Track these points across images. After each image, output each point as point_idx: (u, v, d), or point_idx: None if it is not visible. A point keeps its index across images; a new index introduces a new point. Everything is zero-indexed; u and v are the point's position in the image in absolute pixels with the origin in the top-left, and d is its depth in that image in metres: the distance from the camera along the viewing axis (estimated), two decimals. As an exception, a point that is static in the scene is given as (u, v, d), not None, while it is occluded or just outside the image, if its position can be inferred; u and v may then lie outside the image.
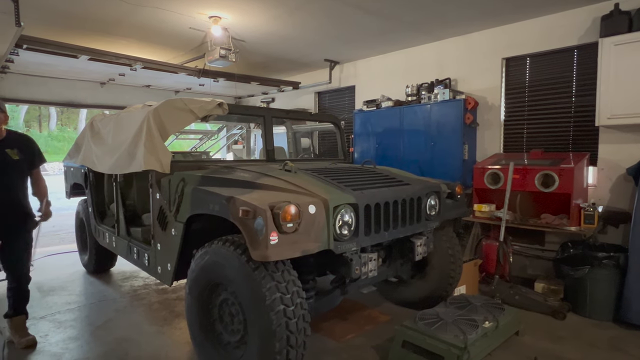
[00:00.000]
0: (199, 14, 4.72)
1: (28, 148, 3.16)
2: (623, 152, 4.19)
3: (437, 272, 3.65)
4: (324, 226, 2.37)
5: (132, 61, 5.74)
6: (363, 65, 6.89)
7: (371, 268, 2.74)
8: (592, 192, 4.45)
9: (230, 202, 2.33)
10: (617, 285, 3.64)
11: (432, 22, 5.03)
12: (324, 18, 4.86)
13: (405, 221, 2.95)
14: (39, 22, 4.91)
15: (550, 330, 3.48)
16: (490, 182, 4.48)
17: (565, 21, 4.57)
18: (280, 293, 2.24)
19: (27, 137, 3.25)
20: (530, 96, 5.01)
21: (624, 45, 3.83)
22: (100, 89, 7.72)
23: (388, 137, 5.79)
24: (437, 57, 5.81)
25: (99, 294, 4.44)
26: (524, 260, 4.75)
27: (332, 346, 3.22)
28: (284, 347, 2.23)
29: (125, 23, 5.02)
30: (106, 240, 4.42)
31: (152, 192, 3.34)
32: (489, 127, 5.29)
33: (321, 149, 7.77)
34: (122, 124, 3.75)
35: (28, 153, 3.14)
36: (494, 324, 2.96)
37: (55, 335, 3.43)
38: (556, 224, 4.07)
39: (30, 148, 3.20)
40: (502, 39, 5.11)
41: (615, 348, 3.19)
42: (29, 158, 3.15)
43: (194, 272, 2.64)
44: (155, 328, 3.59)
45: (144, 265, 3.59)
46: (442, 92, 5.19)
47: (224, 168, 3.28)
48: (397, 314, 3.79)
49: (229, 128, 8.41)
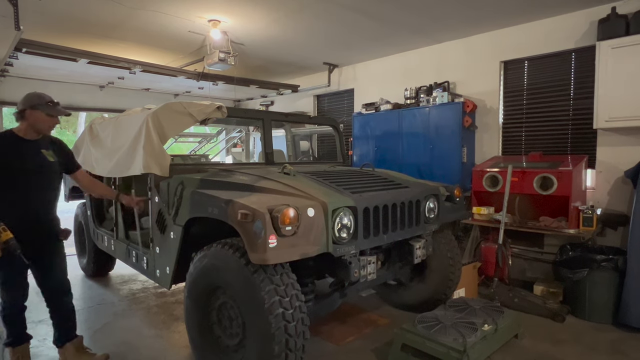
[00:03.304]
0: (198, 18, 4.73)
1: (62, 151, 2.92)
2: (621, 154, 4.20)
3: (436, 275, 3.64)
4: (322, 229, 2.36)
5: (131, 64, 5.75)
6: (362, 68, 6.91)
7: (370, 271, 2.73)
8: (591, 195, 4.46)
9: (229, 205, 2.33)
10: (616, 287, 3.64)
11: (430, 26, 5.05)
12: (323, 21, 4.87)
13: (404, 224, 2.95)
14: (38, 26, 4.92)
15: (549, 333, 3.47)
16: (489, 184, 4.48)
17: (563, 25, 4.59)
18: (279, 296, 2.24)
19: (60, 140, 2.99)
20: (529, 99, 5.02)
21: (621, 48, 3.85)
22: (100, 93, 7.73)
23: (387, 140, 5.80)
24: (435, 60, 5.83)
25: (97, 298, 4.42)
26: (523, 263, 4.75)
27: (331, 349, 3.22)
28: (283, 351, 2.22)
29: (124, 26, 5.03)
30: (105, 244, 4.41)
31: (151, 195, 3.34)
32: (487, 130, 5.30)
33: (320, 152, 7.77)
34: (121, 127, 3.76)
35: (62, 156, 2.91)
36: (493, 327, 2.96)
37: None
38: (555, 226, 4.07)
39: (64, 151, 2.95)
40: (501, 42, 5.13)
41: (614, 351, 3.19)
42: (63, 161, 2.91)
43: (192, 276, 2.64)
44: (154, 331, 3.58)
45: (142, 268, 3.58)
46: (441, 95, 5.20)
47: (223, 171, 3.28)
48: (396, 317, 3.78)
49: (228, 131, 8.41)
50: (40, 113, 2.65)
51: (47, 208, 2.81)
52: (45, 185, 2.77)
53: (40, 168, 2.72)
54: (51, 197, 2.85)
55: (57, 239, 2.88)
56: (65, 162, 2.94)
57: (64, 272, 2.95)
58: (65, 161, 2.93)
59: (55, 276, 2.87)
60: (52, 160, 2.78)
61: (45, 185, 2.77)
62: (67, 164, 2.96)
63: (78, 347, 2.96)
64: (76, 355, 2.93)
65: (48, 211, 2.83)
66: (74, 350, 2.93)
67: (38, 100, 2.66)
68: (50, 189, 2.82)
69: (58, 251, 2.91)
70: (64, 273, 2.94)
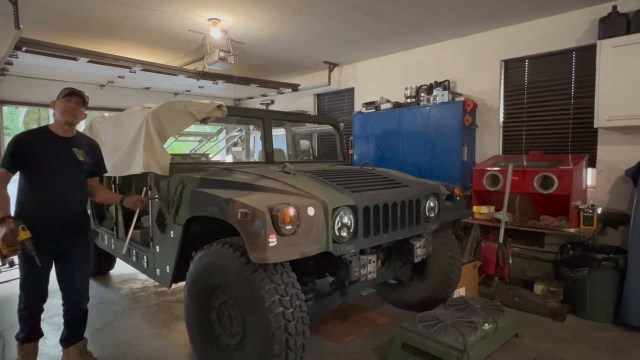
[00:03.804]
0: (198, 17, 4.73)
1: (93, 153, 2.87)
2: (622, 153, 4.20)
3: (437, 274, 3.64)
4: (323, 228, 2.36)
5: (131, 63, 5.74)
6: (362, 67, 6.90)
7: (370, 270, 2.73)
8: (591, 194, 4.46)
9: (229, 204, 2.32)
10: (616, 287, 3.63)
11: (431, 24, 5.04)
12: (323, 20, 4.87)
13: (405, 223, 2.95)
14: (38, 25, 4.91)
15: (549, 332, 3.47)
16: (490, 183, 4.48)
17: (563, 23, 4.58)
18: (279, 295, 2.24)
19: (95, 143, 2.96)
20: (529, 98, 5.02)
21: (622, 47, 3.84)
22: (100, 92, 7.72)
23: (387, 139, 5.79)
24: (436, 59, 5.82)
25: (97, 297, 4.42)
26: (524, 262, 4.74)
27: (331, 348, 3.22)
28: (283, 350, 2.22)
29: (124, 25, 5.02)
30: (105, 243, 4.41)
31: (151, 195, 3.34)
32: (488, 129, 5.30)
33: (320, 151, 7.76)
34: (121, 126, 3.75)
35: (92, 157, 2.85)
36: (494, 326, 2.96)
37: (54, 337, 3.40)
38: (555, 225, 4.07)
39: (96, 153, 2.91)
40: (501, 41, 5.12)
41: (615, 350, 3.19)
42: (92, 163, 2.85)
43: (192, 275, 2.64)
44: (154, 330, 3.58)
45: (142, 267, 3.58)
46: (441, 94, 5.20)
47: (223, 170, 3.27)
48: (397, 316, 3.78)
49: (228, 130, 8.40)
50: (58, 101, 2.64)
51: (75, 206, 2.75)
52: (71, 182, 2.71)
53: (67, 165, 2.67)
54: (79, 195, 2.79)
55: (85, 239, 2.83)
56: (94, 165, 2.88)
57: (88, 275, 2.91)
58: (94, 164, 2.87)
59: (79, 279, 2.82)
60: (81, 160, 2.73)
61: (72, 183, 2.71)
62: (95, 167, 2.91)
63: (82, 350, 2.93)
64: (80, 359, 2.90)
65: (76, 209, 2.77)
66: (78, 354, 2.90)
67: (60, 93, 2.66)
68: (78, 187, 2.76)
69: (85, 253, 2.86)
70: (87, 276, 2.91)
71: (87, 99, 2.73)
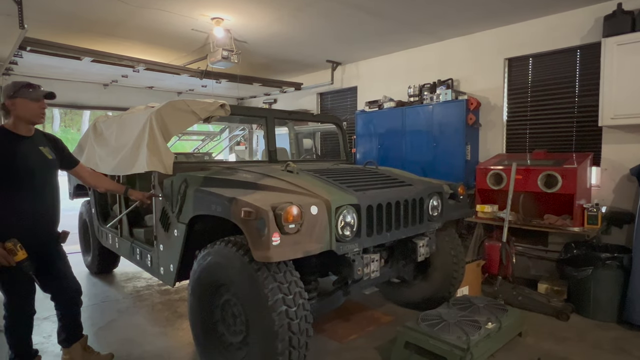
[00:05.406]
0: (201, 16, 4.73)
1: (58, 147, 2.73)
2: (626, 152, 4.17)
3: (440, 273, 3.64)
4: (326, 227, 2.36)
5: (135, 63, 5.76)
6: (365, 66, 6.89)
7: (373, 269, 2.73)
8: (596, 193, 4.43)
9: (232, 203, 2.33)
10: (620, 286, 3.62)
11: (434, 23, 5.03)
12: (326, 19, 4.86)
13: (408, 222, 2.95)
14: (42, 24, 4.93)
15: (553, 332, 3.46)
16: (493, 182, 4.46)
17: (567, 21, 4.56)
18: (283, 294, 2.24)
19: (54, 136, 2.79)
20: (533, 96, 4.99)
21: (627, 45, 3.81)
22: (104, 91, 7.75)
23: (390, 138, 5.78)
24: (439, 58, 5.81)
25: (101, 295, 4.45)
26: (527, 261, 4.73)
27: (334, 347, 3.22)
28: (286, 348, 2.22)
29: (128, 25, 5.04)
30: (109, 242, 4.43)
31: (154, 192, 3.35)
32: (491, 127, 5.28)
33: (323, 149, 7.76)
34: (125, 125, 3.77)
35: (59, 152, 2.73)
36: (497, 325, 2.95)
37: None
38: (559, 224, 4.05)
39: (60, 147, 2.76)
40: (505, 39, 5.10)
41: (619, 349, 3.18)
42: (61, 158, 2.73)
43: (196, 273, 2.65)
44: (158, 329, 3.60)
45: (146, 266, 3.60)
46: (445, 93, 5.18)
47: (227, 169, 3.28)
48: (400, 315, 3.78)
49: (232, 129, 8.41)
50: (23, 100, 2.39)
51: (55, 211, 2.64)
52: (49, 185, 2.57)
53: (42, 167, 2.51)
54: (56, 198, 2.65)
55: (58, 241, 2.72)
56: (63, 158, 2.77)
57: (73, 275, 2.83)
58: (62, 157, 2.76)
59: (69, 276, 2.77)
60: (50, 158, 2.59)
61: (50, 186, 2.58)
62: (66, 159, 2.80)
63: (84, 346, 2.93)
64: (84, 355, 2.89)
65: (56, 214, 2.66)
66: (82, 350, 2.89)
67: (14, 88, 2.41)
68: (54, 189, 2.63)
69: (62, 250, 2.77)
70: (73, 276, 2.83)
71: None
